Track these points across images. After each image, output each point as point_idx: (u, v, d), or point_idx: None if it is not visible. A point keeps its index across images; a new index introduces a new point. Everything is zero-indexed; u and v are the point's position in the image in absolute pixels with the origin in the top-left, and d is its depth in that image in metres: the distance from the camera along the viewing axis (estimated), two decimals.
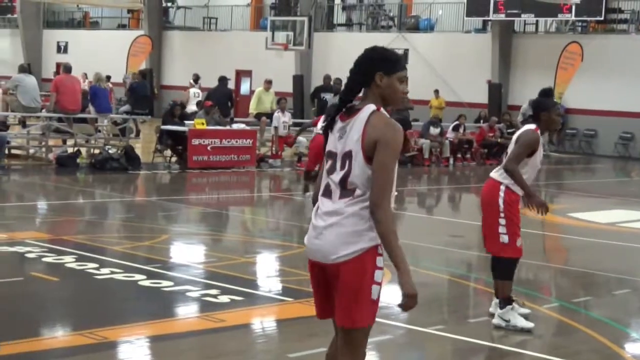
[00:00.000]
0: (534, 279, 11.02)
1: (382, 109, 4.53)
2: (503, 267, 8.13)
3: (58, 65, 40.22)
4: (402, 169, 24.07)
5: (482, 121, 30.03)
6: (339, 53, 36.44)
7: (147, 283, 9.12)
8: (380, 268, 4.49)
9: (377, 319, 6.96)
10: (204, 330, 7.68)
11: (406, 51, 37.01)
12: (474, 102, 34.16)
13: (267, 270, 10.80)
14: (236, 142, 21.73)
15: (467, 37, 36.94)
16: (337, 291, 4.50)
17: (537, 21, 35.84)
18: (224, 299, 8.61)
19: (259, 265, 11.03)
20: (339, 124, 4.58)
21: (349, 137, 4.50)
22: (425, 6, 38.16)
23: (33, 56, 46.23)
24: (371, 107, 4.50)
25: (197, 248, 12.00)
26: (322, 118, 15.98)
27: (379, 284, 4.48)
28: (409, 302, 4.40)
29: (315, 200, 4.70)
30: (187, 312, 8.37)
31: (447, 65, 35.72)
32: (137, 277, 9.34)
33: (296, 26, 36.05)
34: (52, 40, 48.52)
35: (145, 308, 8.39)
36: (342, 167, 4.50)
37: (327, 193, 4.56)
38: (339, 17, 41.38)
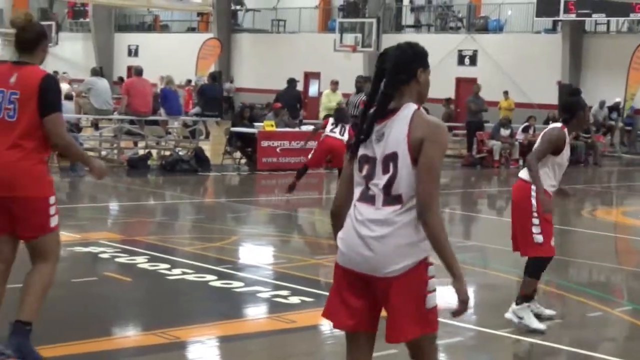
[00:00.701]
0: (606, 281, 10.90)
1: (421, 107, 4.38)
2: (533, 265, 8.04)
3: (129, 68, 40.72)
4: (472, 171, 23.97)
5: (551, 122, 29.72)
6: None
7: (218, 284, 9.20)
8: (433, 277, 4.36)
9: (447, 321, 6.91)
10: (274, 331, 7.72)
11: (475, 52, 36.86)
12: (543, 104, 33.82)
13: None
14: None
15: (537, 37, 36.61)
16: (390, 306, 4.32)
17: (608, 21, 35.37)
18: (294, 300, 8.65)
19: (328, 267, 11.04)
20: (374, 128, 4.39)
21: (389, 138, 4.30)
22: (495, 7, 37.87)
23: (105, 59, 46.86)
24: (412, 106, 4.33)
25: (267, 249, 12.07)
26: (330, 120, 16.09)
27: (434, 291, 4.36)
28: (463, 308, 4.29)
29: (337, 211, 4.53)
30: (257, 313, 8.43)
31: (516, 66, 35.41)
32: (208, 277, 9.42)
33: (364, 28, 36.07)
34: (123, 43, 49.16)
35: (216, 308, 8.46)
36: (386, 171, 4.29)
37: (367, 199, 4.34)
38: (408, 18, 41.25)
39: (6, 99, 6.01)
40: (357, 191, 4.40)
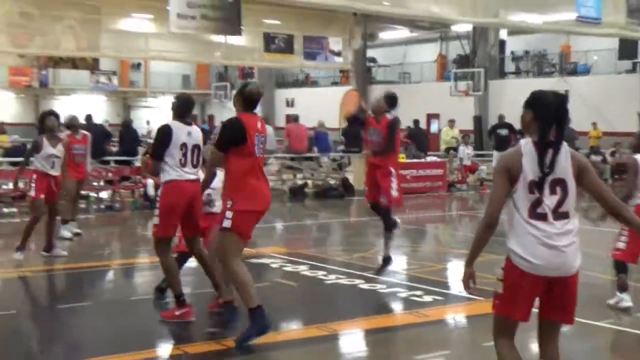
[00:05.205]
0: None
1: None
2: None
3: (287, 116, 41.35)
4: None
5: None
6: (510, 96, 35.68)
7: (365, 286, 9.20)
8: None
9: None
10: (411, 324, 7.65)
11: (567, 92, 35.87)
12: (627, 132, 32.63)
13: (460, 275, 10.62)
14: (430, 171, 21.69)
15: (619, 77, 35.39)
16: (565, 298, 4.46)
17: None
18: (427, 298, 8.58)
19: (453, 271, 10.91)
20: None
21: (558, 168, 4.36)
22: (583, 53, 36.84)
23: (268, 110, 47.64)
24: (564, 143, 4.43)
25: (402, 257, 11.98)
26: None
27: None
28: None
29: (494, 222, 4.40)
30: (398, 309, 8.39)
31: (602, 102, 34.32)
32: (357, 281, 9.43)
33: (474, 76, 35.61)
34: (282, 96, 49.93)
35: (365, 306, 8.45)
36: (553, 193, 4.36)
37: (538, 216, 4.36)
38: (509, 66, 40.60)
39: None
40: (525, 209, 4.37)
